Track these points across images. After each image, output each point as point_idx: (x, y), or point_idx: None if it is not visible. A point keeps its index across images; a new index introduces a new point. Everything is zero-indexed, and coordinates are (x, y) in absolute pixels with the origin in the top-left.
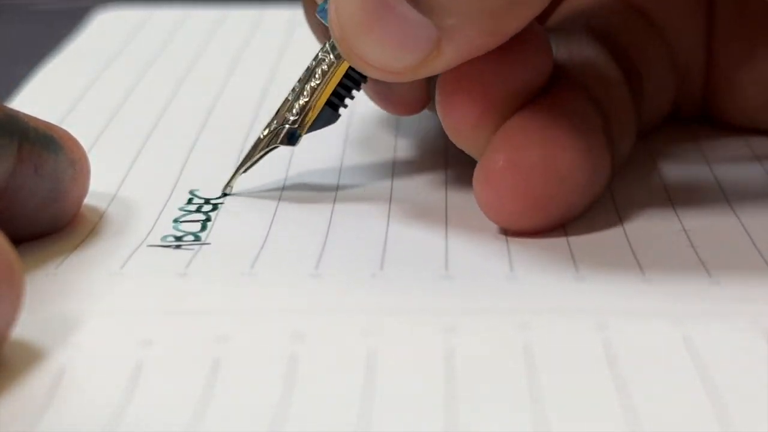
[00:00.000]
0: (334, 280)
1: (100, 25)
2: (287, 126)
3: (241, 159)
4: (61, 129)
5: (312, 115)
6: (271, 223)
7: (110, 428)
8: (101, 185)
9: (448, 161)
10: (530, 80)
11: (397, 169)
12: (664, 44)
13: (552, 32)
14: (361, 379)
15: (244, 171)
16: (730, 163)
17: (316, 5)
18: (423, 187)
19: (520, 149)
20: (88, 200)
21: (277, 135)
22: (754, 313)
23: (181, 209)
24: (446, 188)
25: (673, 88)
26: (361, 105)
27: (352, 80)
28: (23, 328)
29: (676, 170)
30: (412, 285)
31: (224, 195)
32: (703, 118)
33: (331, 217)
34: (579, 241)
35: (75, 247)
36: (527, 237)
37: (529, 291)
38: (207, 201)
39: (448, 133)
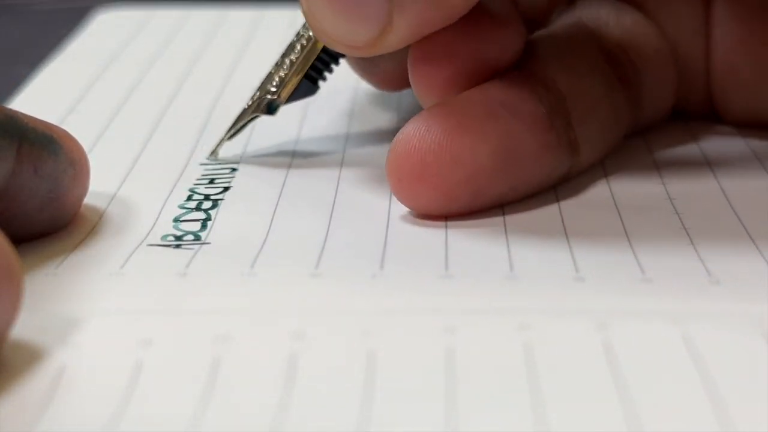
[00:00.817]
0: (334, 280)
1: (100, 25)
2: (268, 96)
3: (227, 128)
4: (61, 129)
5: (290, 87)
6: (272, 222)
7: (110, 428)
8: (101, 185)
9: None
10: (498, 56)
11: None
12: (662, 36)
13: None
14: (361, 379)
15: (229, 138)
16: (730, 162)
17: None
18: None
19: (425, 134)
20: (88, 200)
21: (258, 105)
22: (754, 313)
23: (180, 206)
24: None
25: (673, 80)
26: (360, 105)
27: (330, 55)
28: (23, 328)
29: (676, 170)
30: (412, 285)
31: (212, 160)
32: (708, 115)
33: (331, 216)
34: (579, 241)
35: (75, 247)
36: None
37: (529, 291)
38: (207, 197)
39: (418, 99)
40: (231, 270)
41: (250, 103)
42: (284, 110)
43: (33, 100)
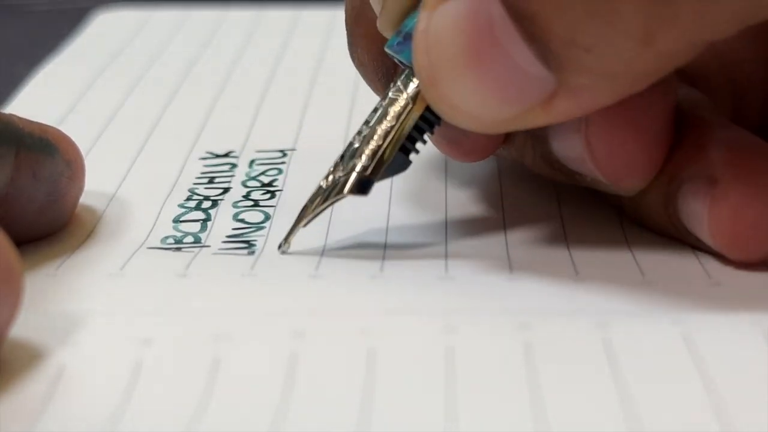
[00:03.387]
0: (334, 281)
1: (100, 25)
2: (356, 173)
3: (299, 212)
4: (55, 130)
5: (386, 161)
6: (271, 224)
7: (110, 428)
8: (101, 185)
9: (448, 162)
10: (661, 115)
11: None
12: (723, 64)
13: None
14: (361, 379)
15: (305, 225)
16: None
17: (367, 37)
18: (423, 187)
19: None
20: (89, 201)
21: (344, 184)
22: (754, 313)
23: (180, 206)
24: (446, 188)
25: (730, 107)
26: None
27: (427, 122)
28: (24, 328)
29: None
30: (412, 285)
31: (282, 253)
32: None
33: (330, 217)
34: (579, 241)
35: (75, 248)
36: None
37: (529, 291)
38: (206, 198)
39: (609, 183)
40: (231, 270)
41: (327, 181)
42: None
43: (32, 100)
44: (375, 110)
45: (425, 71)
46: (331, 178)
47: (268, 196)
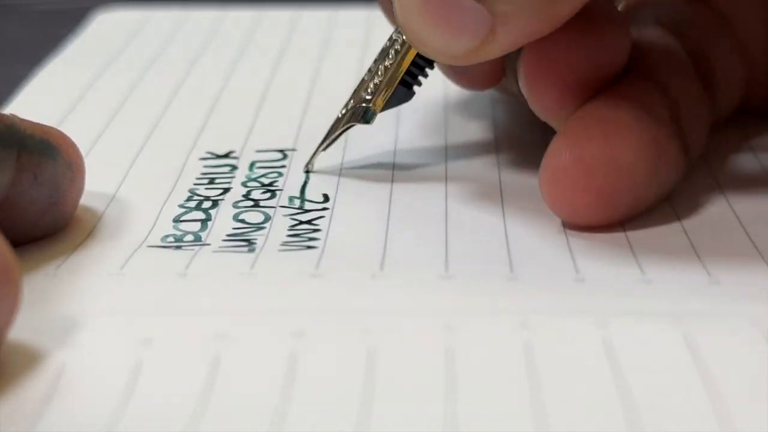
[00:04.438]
0: (334, 281)
1: (100, 25)
2: (362, 105)
3: (322, 137)
4: (56, 131)
5: (386, 94)
6: (271, 223)
7: (110, 428)
8: (101, 185)
9: (448, 161)
10: (611, 61)
11: (396, 169)
12: (733, 36)
13: None
14: (361, 379)
15: (324, 149)
16: (730, 162)
17: None
18: (422, 187)
19: (584, 143)
20: (88, 201)
21: (352, 114)
22: (754, 313)
23: (180, 206)
24: (446, 188)
25: (743, 80)
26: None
27: (425, 59)
28: (23, 328)
29: None
30: (412, 285)
31: (307, 172)
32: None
33: (330, 217)
34: (579, 241)
35: (75, 248)
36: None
37: (529, 291)
38: (207, 198)
39: (534, 111)
40: (231, 270)
41: (344, 111)
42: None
43: (32, 100)
44: (382, 50)
45: (399, 16)
46: (344, 110)
47: (268, 195)
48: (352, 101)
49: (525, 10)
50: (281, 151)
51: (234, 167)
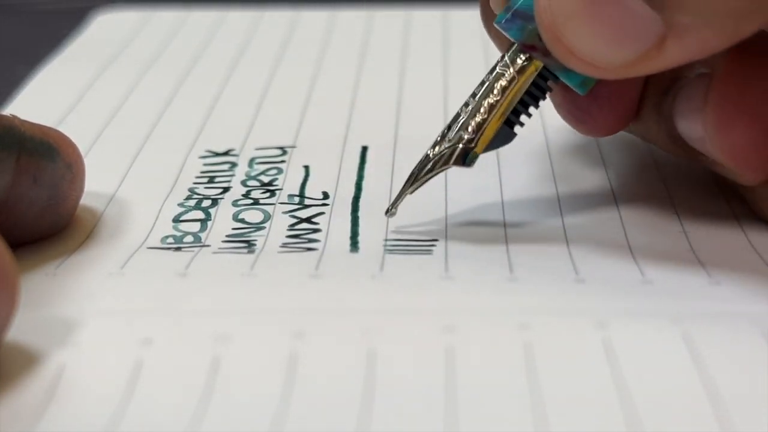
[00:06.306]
0: (334, 281)
1: (100, 26)
2: (461, 145)
3: (405, 178)
4: (56, 132)
5: (489, 134)
6: (271, 222)
7: (110, 428)
8: (101, 185)
9: None
10: None
11: (396, 169)
12: None
13: None
14: (361, 379)
15: (411, 192)
16: None
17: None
18: (423, 187)
19: None
20: (88, 201)
21: (450, 155)
22: (754, 313)
23: (180, 205)
24: (446, 188)
25: None
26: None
27: (532, 97)
28: (23, 328)
29: (675, 170)
30: (412, 285)
31: (390, 216)
32: None
33: (330, 217)
34: (579, 241)
35: (75, 248)
36: None
37: (529, 291)
38: (206, 197)
39: (717, 159)
40: (231, 270)
41: (436, 150)
42: None
43: (33, 101)
44: (482, 83)
45: (546, 16)
46: (437, 148)
47: (267, 194)
48: (447, 140)
49: (707, 25)
50: (281, 147)
51: (234, 164)
